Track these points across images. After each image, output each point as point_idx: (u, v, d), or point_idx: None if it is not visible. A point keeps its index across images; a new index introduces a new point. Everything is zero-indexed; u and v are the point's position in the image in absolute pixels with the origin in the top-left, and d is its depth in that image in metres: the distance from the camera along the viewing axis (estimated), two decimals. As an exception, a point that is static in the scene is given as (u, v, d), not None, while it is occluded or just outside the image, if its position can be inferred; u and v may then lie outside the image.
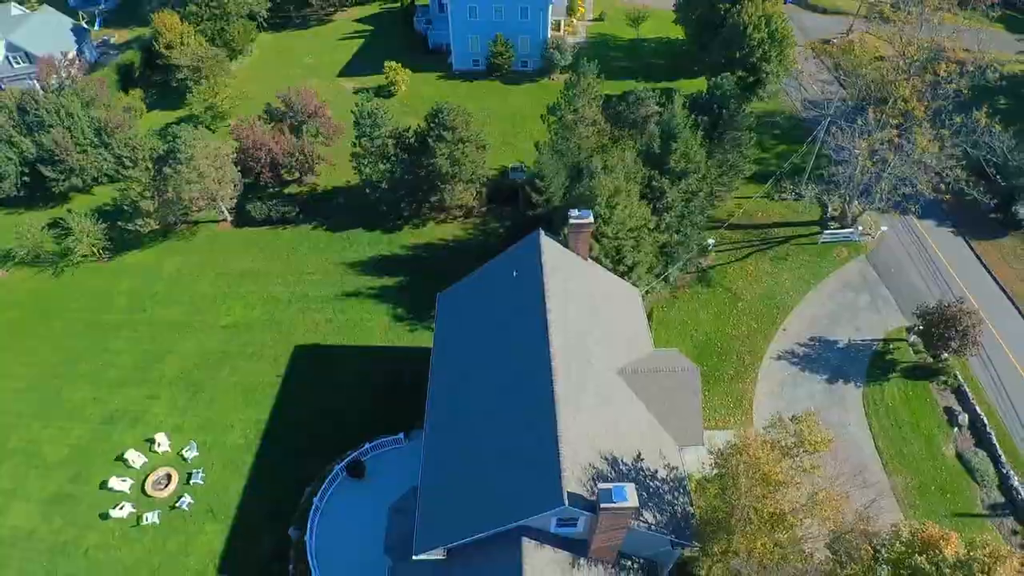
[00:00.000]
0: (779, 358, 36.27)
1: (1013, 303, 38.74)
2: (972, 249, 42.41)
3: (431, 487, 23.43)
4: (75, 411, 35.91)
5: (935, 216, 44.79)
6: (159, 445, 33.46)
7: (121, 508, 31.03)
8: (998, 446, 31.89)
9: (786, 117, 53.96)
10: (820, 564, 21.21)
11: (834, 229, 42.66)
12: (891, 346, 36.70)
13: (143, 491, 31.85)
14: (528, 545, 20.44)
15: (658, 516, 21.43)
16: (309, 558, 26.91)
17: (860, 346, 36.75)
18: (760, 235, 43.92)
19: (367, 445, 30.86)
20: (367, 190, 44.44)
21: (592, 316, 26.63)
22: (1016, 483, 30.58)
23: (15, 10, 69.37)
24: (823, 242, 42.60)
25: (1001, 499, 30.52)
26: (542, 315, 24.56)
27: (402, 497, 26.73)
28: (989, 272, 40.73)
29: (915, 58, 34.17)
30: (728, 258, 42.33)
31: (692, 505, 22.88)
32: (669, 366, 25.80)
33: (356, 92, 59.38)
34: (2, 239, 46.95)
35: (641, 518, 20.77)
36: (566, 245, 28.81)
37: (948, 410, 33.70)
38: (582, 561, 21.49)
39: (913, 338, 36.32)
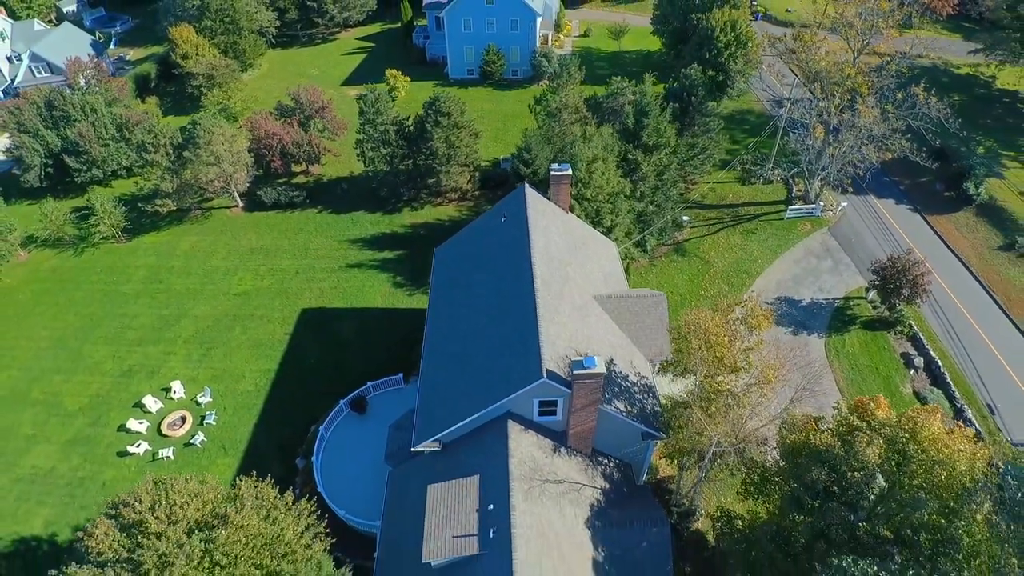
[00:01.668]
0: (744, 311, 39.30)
1: (964, 264, 42.25)
2: (927, 222, 46.14)
3: (428, 388, 26.17)
4: (95, 366, 38.46)
5: (893, 195, 48.73)
6: (174, 392, 35.95)
7: (138, 446, 33.35)
8: (952, 384, 34.76)
9: (756, 115, 58.51)
10: (774, 451, 23.92)
11: (798, 206, 46.42)
12: (851, 303, 39.93)
13: (159, 431, 34.21)
14: (514, 427, 23.10)
15: (629, 408, 24.17)
16: (315, 475, 29.28)
17: (822, 304, 39.95)
18: (731, 213, 47.57)
19: (369, 384, 33.51)
20: (370, 173, 48.12)
21: (571, 252, 29.83)
22: (970, 415, 33.35)
23: (38, 26, 74.62)
24: (788, 217, 46.29)
25: (955, 431, 33.23)
26: (526, 247, 27.65)
27: (401, 416, 29.26)
28: (942, 239, 44.36)
29: (858, 44, 38.57)
30: (702, 232, 45.85)
31: (660, 406, 25.59)
32: (639, 294, 28.91)
33: (359, 98, 64.04)
34: (23, 226, 50.03)
35: (613, 405, 23.54)
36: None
37: (905, 355, 36.68)
38: (562, 451, 24.12)
39: (872, 295, 39.54)
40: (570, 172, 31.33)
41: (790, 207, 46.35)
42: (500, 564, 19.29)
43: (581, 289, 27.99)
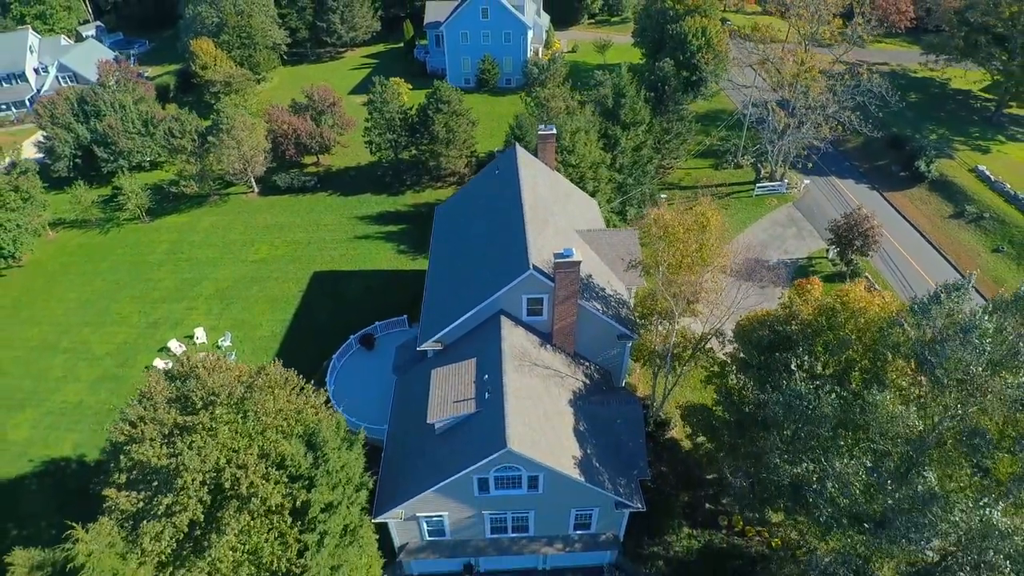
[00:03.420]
0: (720, 271, 43.20)
1: (917, 230, 46.70)
2: (885, 198, 50.69)
3: (431, 298, 29.75)
4: (122, 320, 41.84)
5: (853, 176, 53.46)
6: (197, 338, 39.25)
7: (164, 382, 36.44)
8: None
9: (728, 113, 63.80)
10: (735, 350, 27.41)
11: (765, 183, 50.98)
12: (813, 261, 43.98)
13: (183, 370, 37.34)
14: (506, 322, 26.59)
15: (606, 309, 27.75)
16: (327, 388, 32.44)
17: (788, 262, 43.95)
18: (705, 193, 51.79)
19: (377, 323, 37.00)
20: (376, 156, 52.58)
21: (556, 199, 33.88)
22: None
23: (64, 41, 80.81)
24: (757, 195, 50.81)
25: (907, 366, 36.75)
26: (517, 189, 31.60)
27: (406, 339, 32.65)
28: (898, 211, 48.88)
29: (807, 34, 44.07)
30: (678, 209, 50.11)
31: (635, 315, 29.15)
32: (615, 230, 32.83)
33: (364, 104, 69.41)
34: (51, 211, 53.90)
35: (592, 304, 27.12)
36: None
37: (861, 303, 40.47)
38: (548, 347, 27.56)
39: (832, 253, 43.59)
40: (555, 132, 35.70)
41: (758, 185, 50.92)
42: (494, 416, 22.53)
43: (564, 224, 31.89)
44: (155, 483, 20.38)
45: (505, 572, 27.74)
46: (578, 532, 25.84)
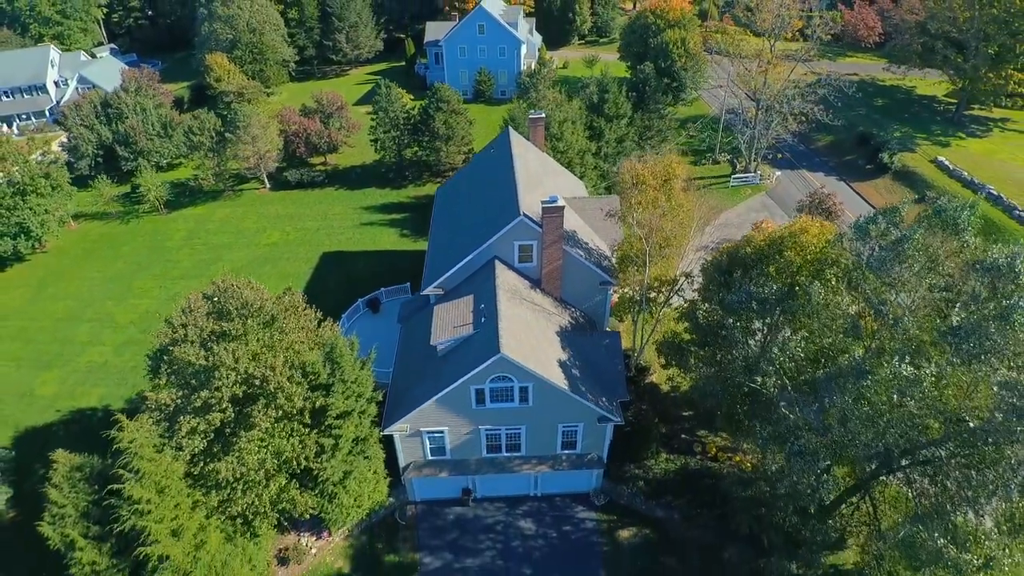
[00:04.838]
0: (697, 250, 46.62)
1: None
2: (852, 188, 54.74)
3: (433, 252, 33.03)
4: (143, 293, 44.92)
5: (823, 170, 57.63)
6: (214, 307, 42.25)
7: (184, 344, 39.35)
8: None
9: (707, 119, 68.46)
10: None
11: (740, 174, 55.05)
12: (785, 240, 47.60)
13: (201, 334, 40.27)
14: (500, 266, 29.88)
15: (588, 257, 31.08)
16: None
17: (762, 241, 47.56)
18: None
19: (382, 289, 40.19)
20: (380, 155, 56.52)
21: (545, 172, 37.59)
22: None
23: (83, 57, 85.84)
24: (732, 185, 54.84)
25: (870, 329, 39.99)
26: (510, 164, 35.28)
27: (410, 298, 35.80)
28: (864, 199, 52.85)
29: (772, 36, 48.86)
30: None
31: (614, 260, 32.44)
32: (598, 197, 36.42)
33: (368, 112, 73.95)
34: (73, 205, 57.37)
35: (576, 251, 30.46)
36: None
37: (828, 275, 43.95)
38: (537, 290, 30.79)
39: (800, 233, 47.25)
40: (544, 116, 39.66)
41: (733, 176, 54.98)
42: (489, 334, 25.59)
43: (553, 190, 35.46)
44: (193, 383, 23.28)
45: (501, 499, 30.33)
46: (565, 452, 28.57)
